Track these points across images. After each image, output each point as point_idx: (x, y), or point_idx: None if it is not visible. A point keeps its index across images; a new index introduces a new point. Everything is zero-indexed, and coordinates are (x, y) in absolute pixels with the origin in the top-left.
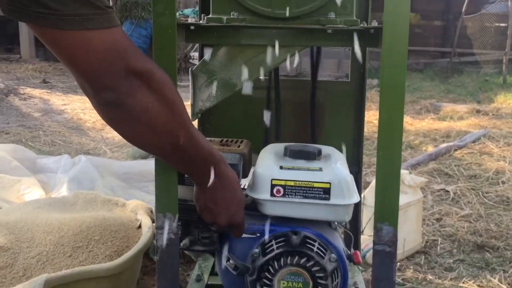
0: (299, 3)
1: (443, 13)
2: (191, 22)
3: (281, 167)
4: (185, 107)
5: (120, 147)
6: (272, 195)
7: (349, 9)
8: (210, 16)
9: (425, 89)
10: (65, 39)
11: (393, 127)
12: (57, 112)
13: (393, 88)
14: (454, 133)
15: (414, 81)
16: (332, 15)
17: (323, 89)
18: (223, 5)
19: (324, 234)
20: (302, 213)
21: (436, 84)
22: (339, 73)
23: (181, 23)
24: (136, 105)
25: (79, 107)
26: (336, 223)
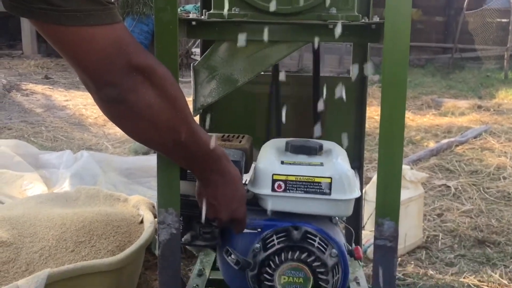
0: None
1: (444, 8)
2: (192, 17)
3: (283, 162)
4: (187, 103)
5: (122, 143)
6: (273, 190)
7: (351, 4)
8: (211, 11)
9: (427, 85)
10: (67, 35)
11: (395, 122)
12: (59, 108)
13: (395, 83)
14: (455, 129)
15: (415, 76)
16: (333, 11)
17: (325, 84)
18: (224, 1)
19: (325, 229)
20: (303, 208)
21: (437, 79)
22: (340, 69)
23: (183, 18)
24: (138, 101)
25: (81, 103)
26: (337, 218)
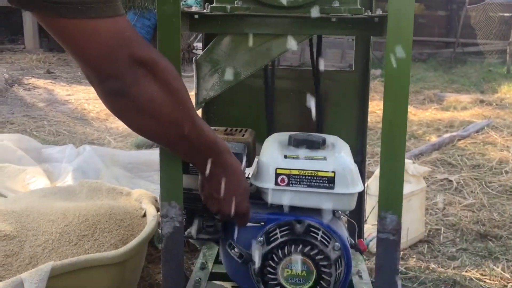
0: None
1: (446, 3)
2: (195, 11)
3: (286, 156)
4: (190, 96)
5: (124, 137)
6: (276, 184)
7: None
8: (214, 5)
9: (429, 79)
10: (70, 28)
11: (397, 115)
12: (61, 102)
13: (397, 77)
14: (457, 123)
15: (417, 71)
16: (336, 4)
17: (327, 79)
18: None
19: (328, 222)
20: (306, 201)
21: (439, 74)
22: (342, 64)
23: (185, 11)
24: (140, 95)
25: (83, 97)
26: (340, 212)
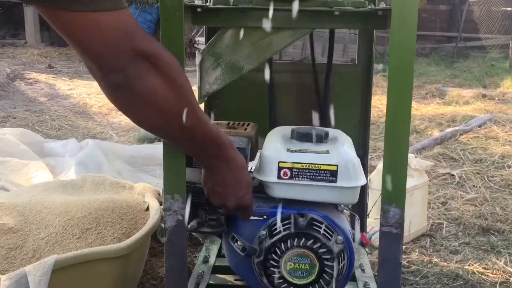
0: None
1: None
2: (198, 4)
3: (288, 150)
4: (192, 90)
5: (126, 131)
6: (279, 177)
7: None
8: None
9: (431, 74)
10: (72, 21)
11: (401, 108)
12: (63, 97)
13: (401, 70)
14: (459, 118)
15: (420, 66)
16: None
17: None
18: None
19: (330, 216)
20: (309, 195)
21: (441, 69)
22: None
23: (188, 5)
24: (143, 88)
25: (85, 92)
26: (342, 205)
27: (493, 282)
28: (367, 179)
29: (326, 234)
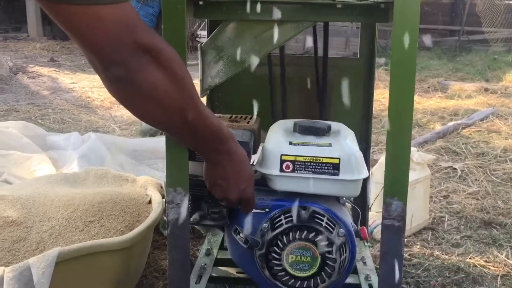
0: None
1: None
2: None
3: (291, 143)
4: (194, 83)
5: (128, 125)
6: (281, 170)
7: None
8: None
9: (433, 68)
10: (74, 14)
11: (404, 101)
12: (65, 90)
13: (404, 63)
14: (462, 111)
15: (422, 59)
16: None
17: (332, 66)
18: None
19: (332, 209)
20: (311, 188)
21: (444, 62)
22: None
23: None
24: (145, 81)
25: (87, 86)
26: (344, 198)
27: (494, 275)
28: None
29: (328, 227)
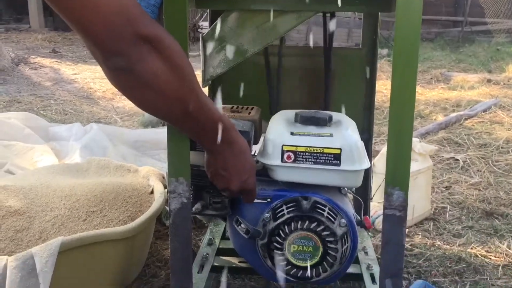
0: None
1: None
2: None
3: (292, 133)
4: (195, 73)
5: (130, 116)
6: (283, 161)
7: None
8: None
9: (436, 59)
10: (74, 4)
11: (406, 91)
12: (67, 81)
13: (406, 54)
14: (464, 103)
15: (424, 50)
16: None
17: (334, 56)
18: None
19: (334, 199)
20: (312, 178)
21: (447, 53)
22: (348, 43)
23: None
24: (145, 71)
25: (89, 77)
26: (346, 188)
27: (495, 265)
28: (371, 163)
29: (329, 217)
